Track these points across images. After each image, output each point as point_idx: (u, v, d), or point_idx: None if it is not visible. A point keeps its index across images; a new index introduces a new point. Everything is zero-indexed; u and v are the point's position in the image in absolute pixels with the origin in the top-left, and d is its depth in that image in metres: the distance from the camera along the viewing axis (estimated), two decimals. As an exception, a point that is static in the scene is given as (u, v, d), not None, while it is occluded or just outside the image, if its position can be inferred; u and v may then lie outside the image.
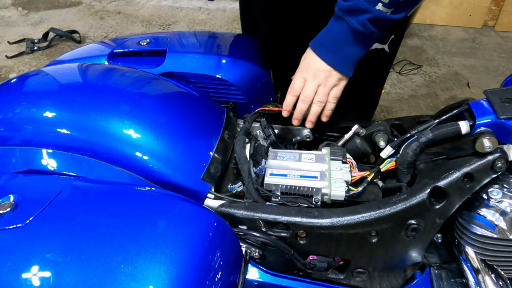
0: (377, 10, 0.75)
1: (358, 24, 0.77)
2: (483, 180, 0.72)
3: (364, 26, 0.77)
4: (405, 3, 0.75)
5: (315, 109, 0.89)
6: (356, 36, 0.80)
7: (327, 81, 0.85)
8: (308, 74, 0.86)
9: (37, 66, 2.71)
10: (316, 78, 0.85)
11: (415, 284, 0.82)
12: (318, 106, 0.88)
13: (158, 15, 3.30)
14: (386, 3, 0.74)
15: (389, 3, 0.74)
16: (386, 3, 0.74)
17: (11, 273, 0.55)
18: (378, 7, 0.75)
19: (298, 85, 0.88)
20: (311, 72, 0.85)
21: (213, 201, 0.80)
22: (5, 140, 0.82)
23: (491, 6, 2.89)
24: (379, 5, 0.74)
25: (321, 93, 0.86)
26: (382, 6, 0.75)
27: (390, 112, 2.31)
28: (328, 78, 0.85)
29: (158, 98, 0.89)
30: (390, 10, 0.75)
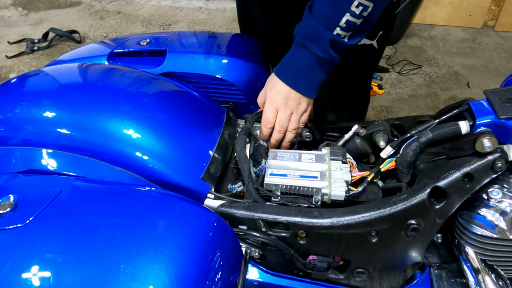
0: (335, 35, 0.78)
1: (321, 52, 0.80)
2: (483, 180, 0.72)
3: (326, 53, 0.80)
4: (362, 28, 0.79)
5: (290, 137, 0.92)
6: (320, 63, 0.83)
7: (299, 108, 0.88)
8: (279, 104, 0.88)
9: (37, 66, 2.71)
10: (287, 107, 0.88)
11: (415, 284, 0.82)
12: (293, 133, 0.92)
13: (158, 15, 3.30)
14: (344, 27, 0.77)
15: (346, 28, 0.78)
16: (343, 27, 0.77)
17: (11, 273, 0.55)
18: (336, 31, 0.78)
19: (271, 116, 0.89)
20: (282, 102, 0.87)
21: (213, 201, 0.80)
22: (5, 140, 0.82)
23: (491, 6, 2.89)
24: (337, 29, 0.78)
25: (294, 121, 0.89)
26: (340, 30, 0.78)
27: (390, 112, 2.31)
28: (299, 105, 0.88)
29: (158, 98, 0.89)
30: (348, 34, 0.79)
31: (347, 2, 0.75)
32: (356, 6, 0.75)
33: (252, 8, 1.25)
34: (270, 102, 0.89)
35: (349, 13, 0.76)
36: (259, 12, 1.23)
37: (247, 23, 1.32)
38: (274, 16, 1.19)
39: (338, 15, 0.76)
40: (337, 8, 0.76)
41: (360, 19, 0.77)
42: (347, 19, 0.76)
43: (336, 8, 0.76)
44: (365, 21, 0.78)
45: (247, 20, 1.31)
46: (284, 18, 1.18)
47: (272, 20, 1.21)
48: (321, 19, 0.78)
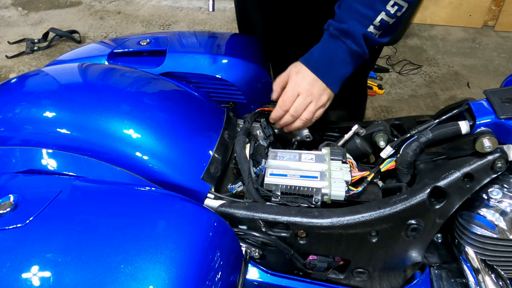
0: (369, 32, 0.80)
1: (356, 46, 0.81)
2: (483, 180, 0.72)
3: (360, 47, 0.81)
4: (392, 27, 0.81)
5: (298, 125, 0.89)
6: (352, 56, 0.83)
7: (320, 99, 0.86)
8: (303, 89, 0.86)
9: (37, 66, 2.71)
10: (309, 94, 0.86)
11: (415, 284, 0.82)
12: (303, 122, 0.89)
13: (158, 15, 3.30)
14: (377, 26, 0.80)
15: (380, 26, 0.79)
16: (377, 26, 0.79)
17: (11, 273, 0.55)
18: (370, 29, 0.80)
19: (290, 99, 0.87)
20: (306, 87, 0.86)
21: (213, 201, 0.80)
22: (5, 140, 0.82)
23: (491, 6, 2.89)
24: (371, 27, 0.80)
25: (310, 111, 0.87)
26: (373, 29, 0.80)
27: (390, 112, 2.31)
28: (322, 96, 0.86)
29: (158, 98, 0.89)
30: (379, 32, 0.81)
31: (383, 1, 0.77)
32: (391, 5, 0.77)
33: (250, 7, 1.25)
34: (293, 85, 0.87)
35: (384, 12, 0.77)
36: (256, 11, 1.23)
37: (245, 22, 1.32)
38: (272, 15, 1.19)
39: (373, 13, 0.78)
40: (372, 6, 0.78)
41: (393, 18, 0.78)
42: (381, 18, 0.78)
43: (371, 7, 0.78)
44: (397, 20, 0.80)
45: (245, 19, 1.31)
46: (282, 17, 1.17)
47: (270, 19, 1.21)
48: (355, 16, 0.79)
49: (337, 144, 0.90)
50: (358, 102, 1.38)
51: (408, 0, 0.76)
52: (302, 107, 0.87)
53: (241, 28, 1.36)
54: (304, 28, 1.16)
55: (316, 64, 0.86)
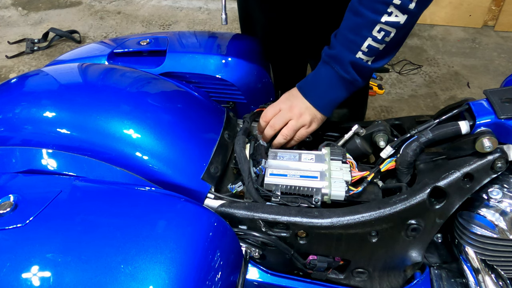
0: (358, 58, 0.79)
1: (344, 72, 0.82)
2: (483, 180, 0.72)
3: (348, 73, 0.82)
4: (384, 52, 0.80)
5: (279, 140, 0.90)
6: (341, 82, 0.84)
7: (300, 117, 0.88)
8: (284, 105, 0.89)
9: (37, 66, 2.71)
10: (290, 111, 0.88)
11: (415, 284, 0.82)
12: (283, 138, 0.89)
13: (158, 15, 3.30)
14: (366, 52, 0.79)
15: (368, 52, 0.79)
16: (365, 51, 0.79)
17: (11, 273, 0.55)
18: (358, 55, 0.79)
19: (270, 112, 0.90)
20: (288, 104, 0.88)
21: (213, 201, 0.80)
22: (5, 140, 0.82)
23: (491, 6, 2.89)
24: (359, 53, 0.79)
25: (289, 128, 0.88)
26: (362, 54, 0.79)
27: (390, 112, 2.31)
28: (302, 115, 0.87)
29: (158, 98, 0.89)
30: (370, 58, 0.80)
31: (368, 27, 0.76)
32: (377, 31, 0.76)
33: (252, 6, 1.25)
34: (278, 101, 0.91)
35: (370, 37, 0.77)
36: (258, 11, 1.23)
37: (247, 21, 1.32)
38: (274, 14, 1.19)
39: (359, 39, 0.78)
40: (358, 33, 0.77)
41: (382, 44, 0.77)
42: (369, 43, 0.77)
43: (357, 33, 0.78)
44: (388, 46, 0.78)
45: (247, 18, 1.31)
46: (283, 16, 1.18)
47: (271, 18, 1.21)
48: (344, 43, 0.80)
49: (337, 144, 0.90)
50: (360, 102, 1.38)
51: (396, 25, 0.75)
52: (278, 122, 0.88)
53: (243, 27, 1.36)
54: (305, 27, 1.16)
55: (305, 86, 0.88)
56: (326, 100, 0.87)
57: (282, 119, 0.88)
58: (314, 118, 0.88)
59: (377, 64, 0.82)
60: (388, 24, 0.75)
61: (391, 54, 0.82)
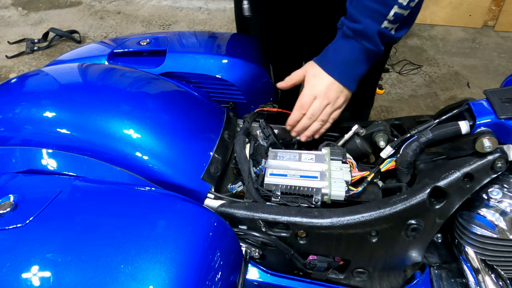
0: (383, 28, 0.78)
1: (372, 45, 0.80)
2: (483, 180, 0.72)
3: (376, 45, 0.80)
4: (408, 19, 0.78)
5: (316, 127, 0.89)
6: (367, 55, 0.82)
7: (336, 101, 0.86)
8: (319, 92, 0.85)
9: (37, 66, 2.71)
10: (326, 97, 0.85)
11: (415, 284, 0.82)
12: (320, 124, 0.88)
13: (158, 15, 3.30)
14: (391, 20, 0.77)
15: (394, 20, 0.77)
16: (391, 20, 0.77)
17: (11, 273, 0.55)
18: (384, 24, 0.78)
19: (308, 103, 0.86)
20: (323, 91, 0.85)
21: (213, 201, 0.80)
22: (5, 140, 0.82)
23: (491, 6, 2.89)
24: (385, 22, 0.77)
25: (326, 113, 0.87)
26: (387, 23, 0.78)
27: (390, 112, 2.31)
28: (338, 99, 0.86)
29: (158, 98, 0.89)
30: (395, 26, 0.79)
31: None
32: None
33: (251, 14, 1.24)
34: (310, 88, 0.86)
35: (397, 5, 0.75)
36: (255, 14, 1.23)
37: (244, 25, 1.32)
38: (270, 16, 1.18)
39: (386, 8, 0.76)
40: (383, 1, 0.76)
41: (407, 9, 0.76)
42: (395, 11, 0.76)
43: (383, 1, 0.76)
44: (412, 11, 0.78)
45: (244, 20, 1.31)
46: (280, 19, 1.17)
47: (268, 21, 1.20)
48: (367, 13, 0.77)
49: (337, 144, 0.90)
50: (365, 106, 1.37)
51: None
52: (319, 110, 0.86)
53: (239, 29, 1.36)
54: (302, 29, 1.16)
55: (332, 66, 0.84)
56: (355, 77, 0.85)
57: (321, 107, 0.86)
58: (346, 98, 0.87)
59: (399, 34, 0.81)
60: None
61: (412, 21, 0.81)
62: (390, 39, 0.81)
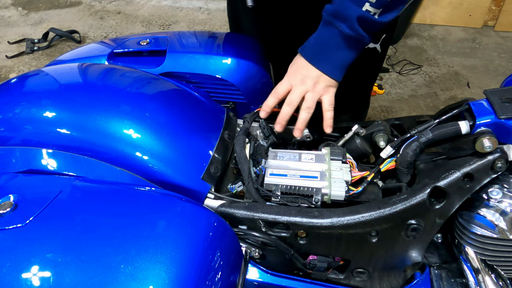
0: (364, 11, 0.74)
1: (348, 29, 0.76)
2: (483, 180, 0.72)
3: (354, 30, 0.76)
4: (393, 3, 0.74)
5: (303, 116, 0.86)
6: (347, 41, 0.79)
7: (315, 88, 0.83)
8: (295, 80, 0.84)
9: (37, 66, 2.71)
10: (303, 84, 0.83)
11: (415, 284, 0.82)
12: (307, 112, 0.85)
13: (158, 15, 3.30)
14: (373, 3, 0.73)
15: (377, 2, 0.72)
16: (373, 2, 0.73)
17: (11, 273, 0.55)
18: (365, 7, 0.73)
19: (283, 89, 0.85)
20: (299, 78, 0.83)
21: (213, 201, 0.80)
22: (5, 140, 0.81)
23: (491, 6, 2.89)
24: (366, 5, 0.73)
25: (309, 100, 0.84)
26: (369, 6, 0.73)
27: (390, 112, 2.31)
28: (316, 85, 0.83)
29: (158, 98, 0.89)
30: (378, 10, 0.74)
31: None
32: None
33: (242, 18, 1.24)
34: (287, 76, 0.85)
35: None
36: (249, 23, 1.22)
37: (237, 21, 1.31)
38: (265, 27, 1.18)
39: None
40: None
41: None
42: None
43: None
44: None
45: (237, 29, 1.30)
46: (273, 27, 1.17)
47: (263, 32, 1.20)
48: None
49: (337, 144, 0.90)
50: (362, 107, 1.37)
51: None
52: (296, 97, 0.84)
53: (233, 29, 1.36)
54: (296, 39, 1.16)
55: (310, 52, 0.83)
56: (335, 64, 0.82)
57: (298, 94, 0.84)
58: (329, 83, 0.84)
59: (384, 18, 0.76)
60: None
61: (399, 5, 0.75)
62: (374, 25, 0.76)
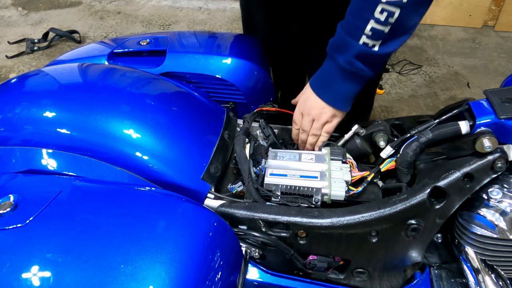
0: (361, 45, 0.75)
1: (344, 63, 0.79)
2: (483, 180, 0.72)
3: (350, 64, 0.78)
4: (391, 36, 0.75)
5: (310, 140, 0.93)
6: (346, 75, 0.81)
7: (320, 117, 0.89)
8: (305, 110, 0.90)
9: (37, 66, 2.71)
10: (310, 114, 0.89)
11: (415, 284, 0.82)
12: (313, 138, 0.93)
13: (158, 15, 3.30)
14: (370, 35, 0.74)
15: (373, 36, 0.74)
16: (369, 35, 0.74)
17: (11, 273, 0.55)
18: (363, 40, 0.74)
19: (298, 119, 0.93)
20: (307, 108, 0.89)
21: (213, 201, 0.80)
22: (5, 140, 0.82)
23: (491, 6, 2.89)
24: (363, 37, 0.74)
25: (315, 128, 0.91)
26: (366, 39, 0.74)
27: (390, 112, 2.31)
28: (321, 115, 0.88)
29: (158, 98, 0.89)
30: (377, 43, 0.75)
31: (369, 9, 0.72)
32: (380, 12, 0.71)
33: (254, 9, 1.25)
34: (298, 106, 0.92)
35: (373, 20, 0.72)
36: (260, 12, 1.23)
37: (249, 22, 1.32)
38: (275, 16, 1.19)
39: (362, 22, 0.73)
40: (360, 15, 0.73)
41: (387, 26, 0.72)
42: (372, 26, 0.73)
43: (359, 16, 0.73)
44: (394, 28, 0.73)
45: (249, 20, 1.31)
46: (285, 18, 1.17)
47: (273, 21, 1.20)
48: (347, 28, 0.77)
49: (337, 144, 0.90)
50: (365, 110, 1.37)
51: (399, 4, 0.70)
52: (306, 126, 0.91)
53: (245, 28, 1.36)
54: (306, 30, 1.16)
55: (316, 84, 0.88)
56: (339, 96, 0.85)
57: (308, 122, 0.91)
58: (334, 114, 0.88)
59: (385, 49, 0.76)
60: (390, 4, 0.70)
61: (399, 37, 0.76)
62: (374, 57, 0.77)
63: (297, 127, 0.95)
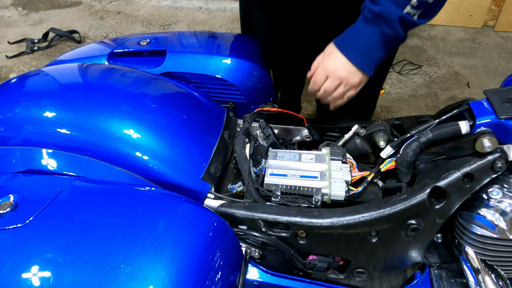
0: (405, 13, 0.76)
1: (391, 31, 0.79)
2: (483, 180, 0.72)
3: (395, 32, 0.79)
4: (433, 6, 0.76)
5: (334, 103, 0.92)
6: (386, 40, 0.81)
7: (348, 82, 0.87)
8: (331, 71, 0.87)
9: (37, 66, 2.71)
10: (337, 77, 0.87)
11: (415, 284, 0.82)
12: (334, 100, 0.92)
13: (158, 15, 3.30)
14: (415, 5, 0.75)
15: (418, 5, 0.75)
16: (415, 5, 0.75)
17: (11, 273, 0.55)
18: (407, 9, 0.76)
19: (320, 81, 0.90)
20: (335, 70, 0.86)
21: (213, 201, 0.80)
22: (5, 140, 0.82)
23: (491, 6, 2.89)
24: (408, 7, 0.75)
25: (339, 92, 0.89)
26: (410, 8, 0.75)
27: (390, 112, 2.31)
28: (350, 79, 0.86)
29: (158, 98, 0.89)
30: (418, 12, 0.77)
31: None
32: None
33: (253, 10, 1.25)
34: (323, 66, 0.89)
35: None
36: (259, 14, 1.23)
37: (248, 24, 1.32)
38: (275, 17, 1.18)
39: None
40: None
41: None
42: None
43: None
44: None
45: (248, 21, 1.31)
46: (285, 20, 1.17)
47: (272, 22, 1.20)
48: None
49: (337, 144, 0.90)
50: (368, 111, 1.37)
51: None
52: (330, 89, 0.89)
53: (244, 29, 1.36)
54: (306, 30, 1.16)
55: (348, 47, 0.85)
56: (373, 62, 0.85)
57: (331, 87, 0.89)
58: (361, 80, 0.87)
59: (422, 20, 0.78)
60: None
61: (437, 8, 0.78)
62: (413, 26, 0.79)
63: (316, 89, 0.92)
